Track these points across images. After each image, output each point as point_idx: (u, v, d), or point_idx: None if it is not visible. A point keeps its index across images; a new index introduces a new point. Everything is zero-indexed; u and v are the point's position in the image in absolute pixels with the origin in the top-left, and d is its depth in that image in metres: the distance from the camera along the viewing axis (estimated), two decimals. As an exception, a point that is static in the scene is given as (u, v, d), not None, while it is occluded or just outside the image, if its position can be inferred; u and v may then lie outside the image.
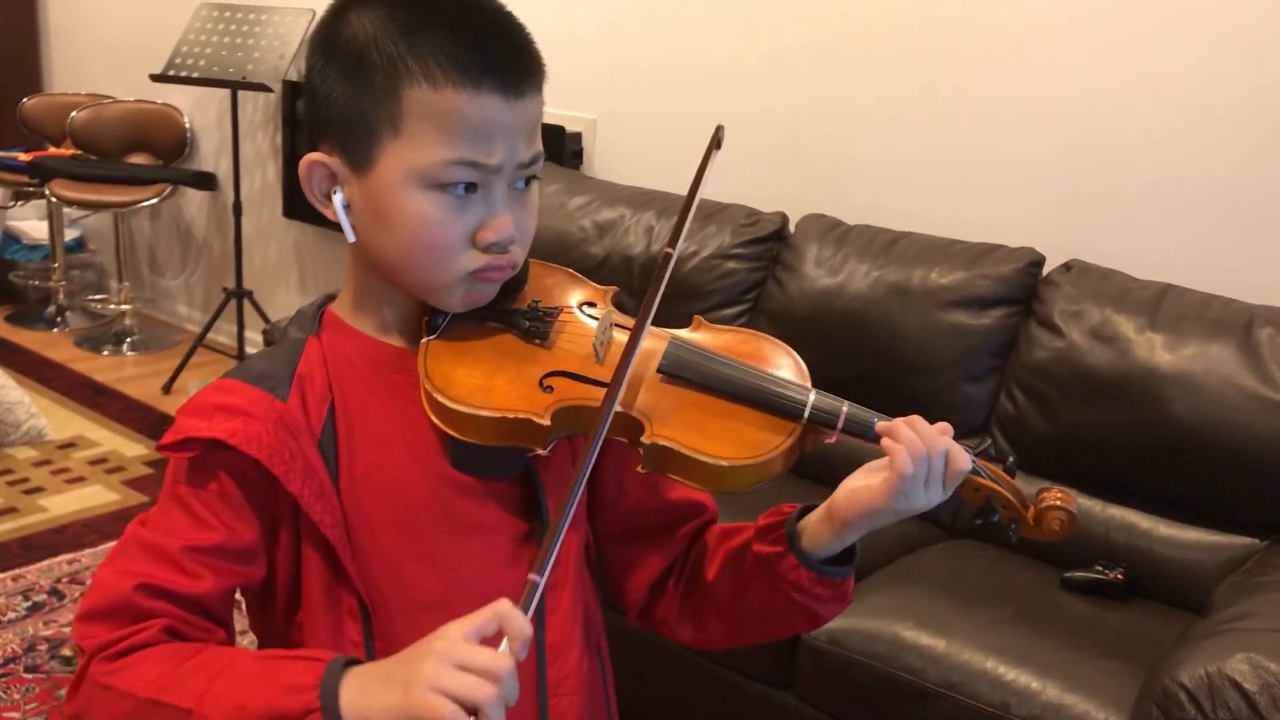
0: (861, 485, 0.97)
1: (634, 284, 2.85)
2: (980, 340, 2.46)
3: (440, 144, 0.91)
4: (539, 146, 0.97)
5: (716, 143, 1.05)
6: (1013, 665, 1.90)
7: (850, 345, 2.55)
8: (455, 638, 0.79)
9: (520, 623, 0.78)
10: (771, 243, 2.81)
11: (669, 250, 0.99)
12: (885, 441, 0.95)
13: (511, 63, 0.93)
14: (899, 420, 0.96)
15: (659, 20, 3.27)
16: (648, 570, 1.12)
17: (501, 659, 0.77)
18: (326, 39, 0.95)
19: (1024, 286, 2.47)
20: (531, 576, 0.81)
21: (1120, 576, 2.16)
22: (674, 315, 0.96)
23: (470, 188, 0.93)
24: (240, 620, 1.05)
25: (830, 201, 2.86)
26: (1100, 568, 2.18)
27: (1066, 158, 2.63)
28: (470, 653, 0.77)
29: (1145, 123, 2.51)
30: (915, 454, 0.93)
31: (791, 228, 2.84)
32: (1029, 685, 1.87)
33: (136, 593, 0.90)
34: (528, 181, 0.97)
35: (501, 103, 0.91)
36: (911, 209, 2.79)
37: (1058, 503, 0.99)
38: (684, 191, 1.06)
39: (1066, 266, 2.46)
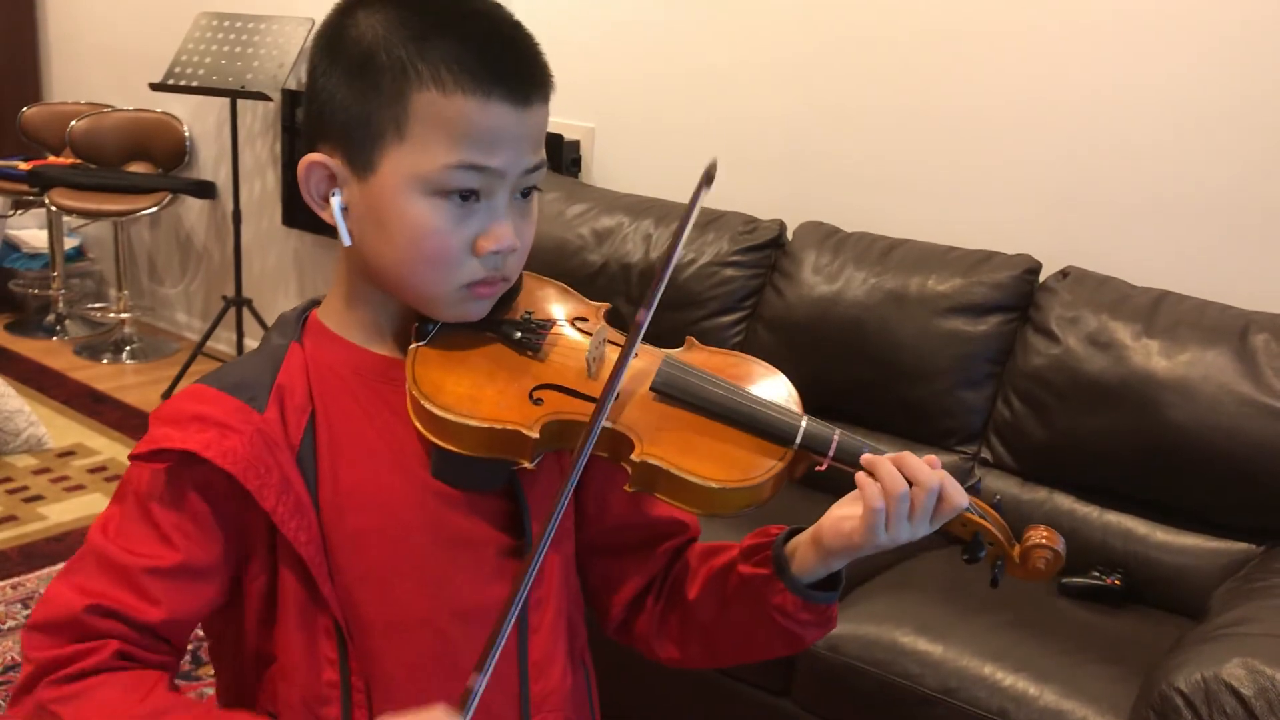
0: (845, 515, 0.96)
1: (632, 291, 2.85)
2: (977, 347, 2.46)
3: (445, 149, 0.90)
4: (543, 155, 0.96)
5: (708, 178, 0.96)
6: (1010, 671, 1.91)
7: (848, 352, 2.56)
8: None
9: None
10: (769, 250, 2.81)
11: (639, 318, 0.95)
12: (859, 476, 0.94)
13: (521, 72, 0.92)
14: (887, 455, 0.94)
15: (657, 29, 3.29)
16: (628, 586, 1.12)
17: None
18: (332, 39, 0.93)
19: (1021, 293, 2.48)
20: (470, 682, 0.84)
21: (1118, 582, 2.17)
22: (671, 322, 0.96)
23: (473, 196, 0.92)
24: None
25: (828, 209, 2.87)
26: (1097, 573, 2.18)
27: (1063, 165, 2.64)
28: None
29: (1142, 130, 2.53)
30: (892, 491, 0.92)
31: (789, 235, 2.85)
32: (1027, 691, 1.88)
33: (88, 613, 0.88)
34: (528, 194, 0.96)
35: (510, 111, 0.91)
36: (909, 216, 2.80)
37: (1043, 541, 0.97)
38: (683, 199, 1.05)
39: (1063, 273, 2.46)
